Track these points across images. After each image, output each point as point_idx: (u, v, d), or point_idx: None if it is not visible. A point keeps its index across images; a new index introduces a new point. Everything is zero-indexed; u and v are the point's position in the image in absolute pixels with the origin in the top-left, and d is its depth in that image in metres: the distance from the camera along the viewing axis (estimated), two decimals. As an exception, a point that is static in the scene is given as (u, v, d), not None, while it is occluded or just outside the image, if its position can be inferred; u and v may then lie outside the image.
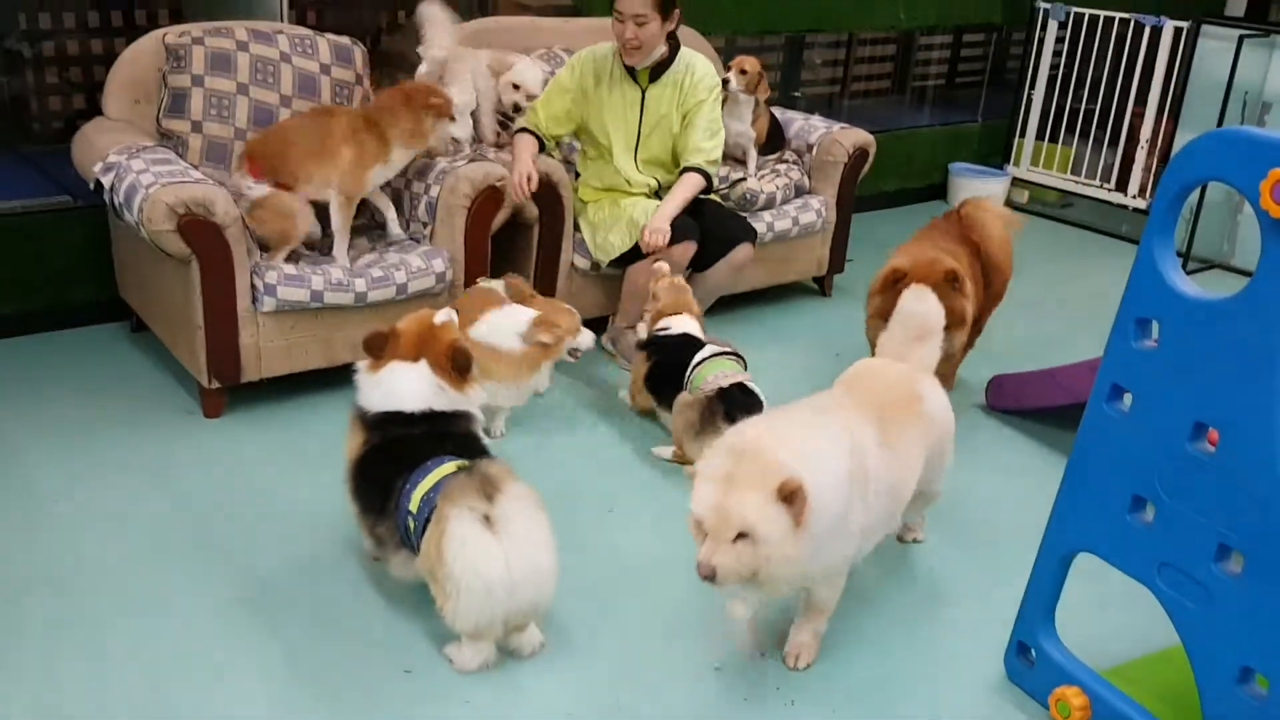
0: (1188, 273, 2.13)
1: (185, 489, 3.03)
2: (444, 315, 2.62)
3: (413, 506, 2.34)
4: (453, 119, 3.60)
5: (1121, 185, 6.02)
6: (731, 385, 3.16)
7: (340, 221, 3.44)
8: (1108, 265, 5.55)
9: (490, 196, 3.60)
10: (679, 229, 3.72)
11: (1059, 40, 6.25)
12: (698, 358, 3.30)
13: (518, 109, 3.93)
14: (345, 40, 3.87)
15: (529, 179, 3.68)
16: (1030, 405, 3.67)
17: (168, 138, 3.56)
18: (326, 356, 3.48)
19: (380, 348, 2.55)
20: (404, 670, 2.39)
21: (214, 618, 2.52)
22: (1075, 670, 2.33)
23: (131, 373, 3.64)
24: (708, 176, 3.84)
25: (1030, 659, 2.43)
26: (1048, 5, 6.20)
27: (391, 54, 4.69)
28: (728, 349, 3.35)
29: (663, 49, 3.77)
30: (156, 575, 2.65)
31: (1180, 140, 5.68)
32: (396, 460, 2.44)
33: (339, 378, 3.57)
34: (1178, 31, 5.68)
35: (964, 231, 3.74)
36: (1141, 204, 5.93)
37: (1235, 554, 1.99)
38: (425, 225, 3.69)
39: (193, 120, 3.54)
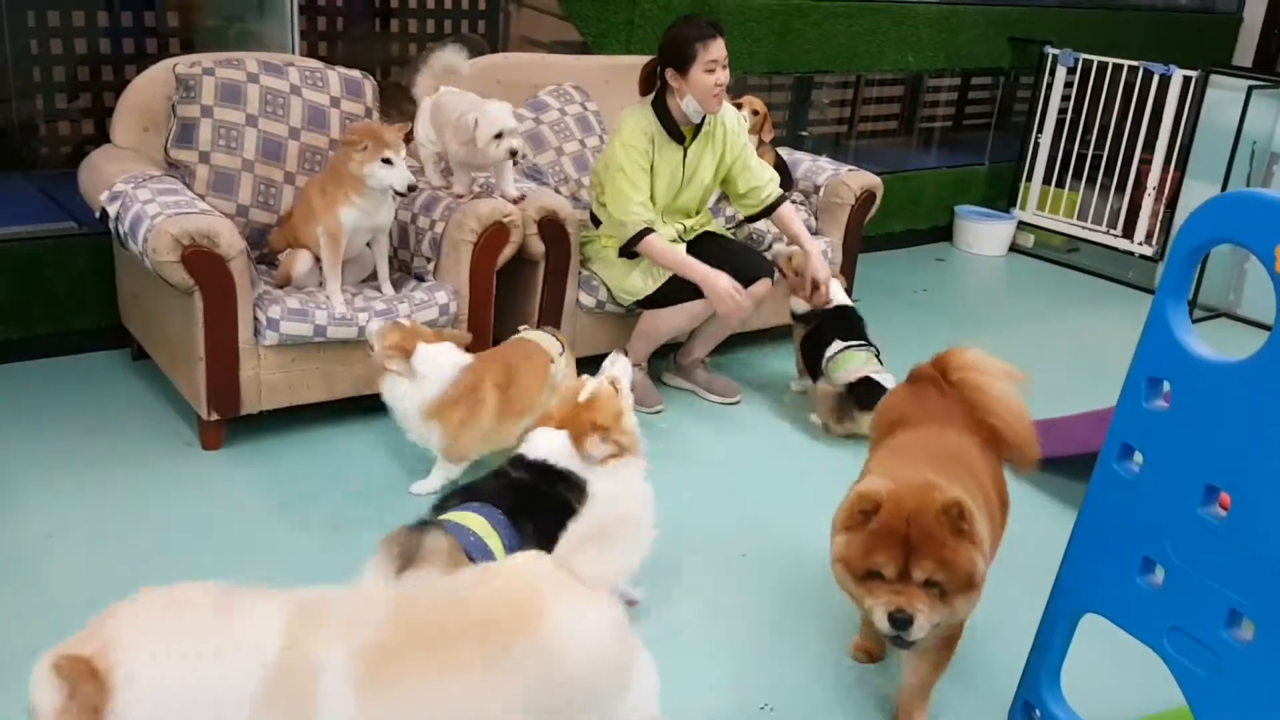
0: (1193, 321, 2.11)
1: (181, 521, 3.00)
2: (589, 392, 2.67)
3: None
4: (386, 161, 3.29)
5: (1128, 232, 6.02)
6: (860, 380, 3.70)
7: (328, 260, 3.40)
8: (1113, 312, 5.54)
9: (497, 232, 3.58)
10: (759, 265, 3.83)
11: (1067, 85, 6.27)
12: (831, 350, 3.81)
13: (514, 154, 3.61)
14: (356, 74, 3.87)
15: (737, 289, 3.66)
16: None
17: (175, 167, 3.55)
18: (328, 390, 3.45)
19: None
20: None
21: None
22: (1080, 732, 2.29)
23: (130, 402, 3.62)
24: (787, 200, 4.03)
25: (1035, 719, 2.39)
26: (1057, 51, 6.22)
27: (402, 88, 4.70)
28: (863, 342, 3.83)
29: None
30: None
31: (1188, 188, 5.69)
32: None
33: (339, 411, 3.57)
34: (1186, 80, 5.70)
35: (966, 408, 2.56)
36: (1148, 250, 5.93)
37: (1246, 621, 1.96)
38: (429, 260, 3.68)
39: (200, 150, 3.54)
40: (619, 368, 2.76)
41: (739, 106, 4.33)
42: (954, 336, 4.82)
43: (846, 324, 3.91)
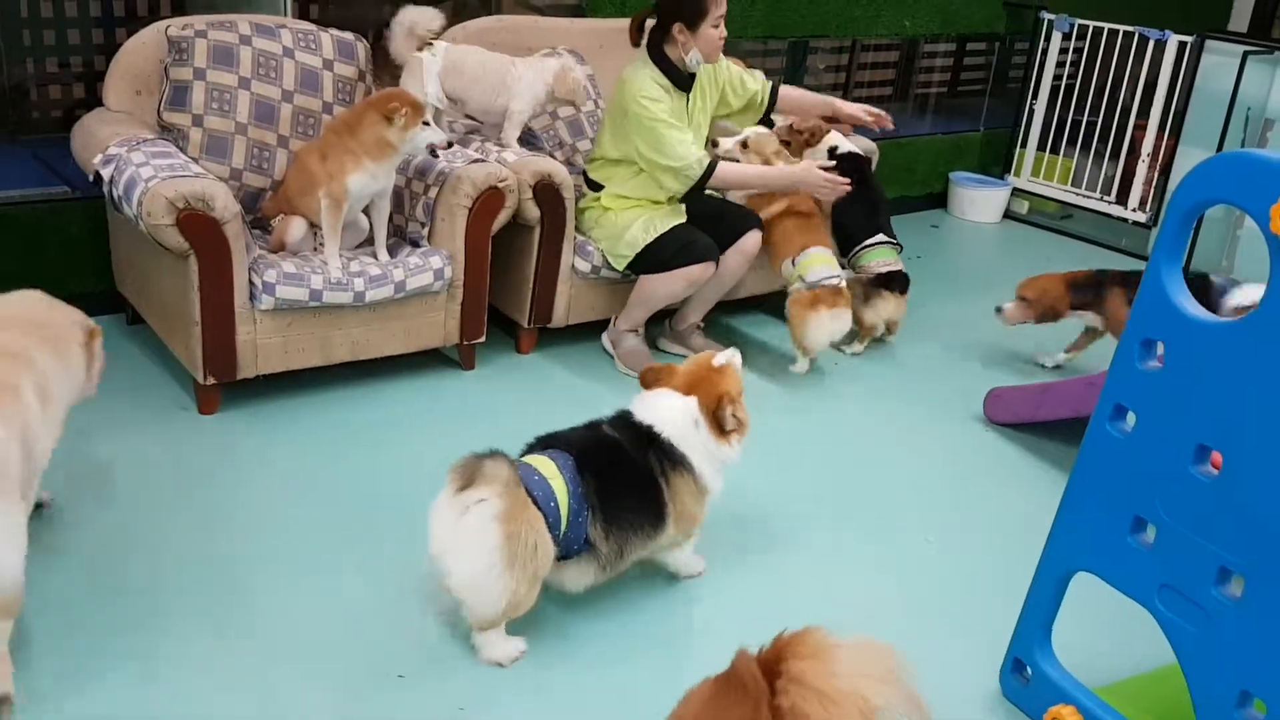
0: (1188, 288, 2.12)
1: (179, 485, 3.01)
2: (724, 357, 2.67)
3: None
4: (425, 124, 3.42)
5: (1122, 198, 6.02)
6: (890, 271, 4.16)
7: (329, 224, 3.40)
8: (1107, 278, 5.54)
9: (492, 196, 3.57)
10: (704, 249, 3.78)
11: (1062, 51, 6.25)
12: (865, 243, 4.19)
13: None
14: (349, 36, 3.85)
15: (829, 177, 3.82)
16: (1028, 418, 3.66)
17: (168, 130, 3.54)
18: (324, 355, 3.46)
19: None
20: (397, 675, 2.38)
21: (199, 617, 2.50)
22: (1071, 688, 2.32)
23: (126, 366, 3.61)
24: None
25: (1026, 676, 2.43)
26: (1053, 16, 6.19)
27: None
28: (892, 239, 4.23)
29: None
30: (143, 571, 2.63)
31: (1182, 155, 5.68)
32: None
33: (335, 376, 3.58)
34: (1181, 46, 5.68)
35: None
36: (1141, 217, 5.93)
37: (1236, 577, 1.98)
38: (423, 225, 3.67)
39: (194, 113, 3.52)
40: (731, 356, 2.71)
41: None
42: (949, 302, 4.85)
43: (874, 209, 4.27)
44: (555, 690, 2.39)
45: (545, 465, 2.42)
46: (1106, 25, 5.99)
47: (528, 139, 4.14)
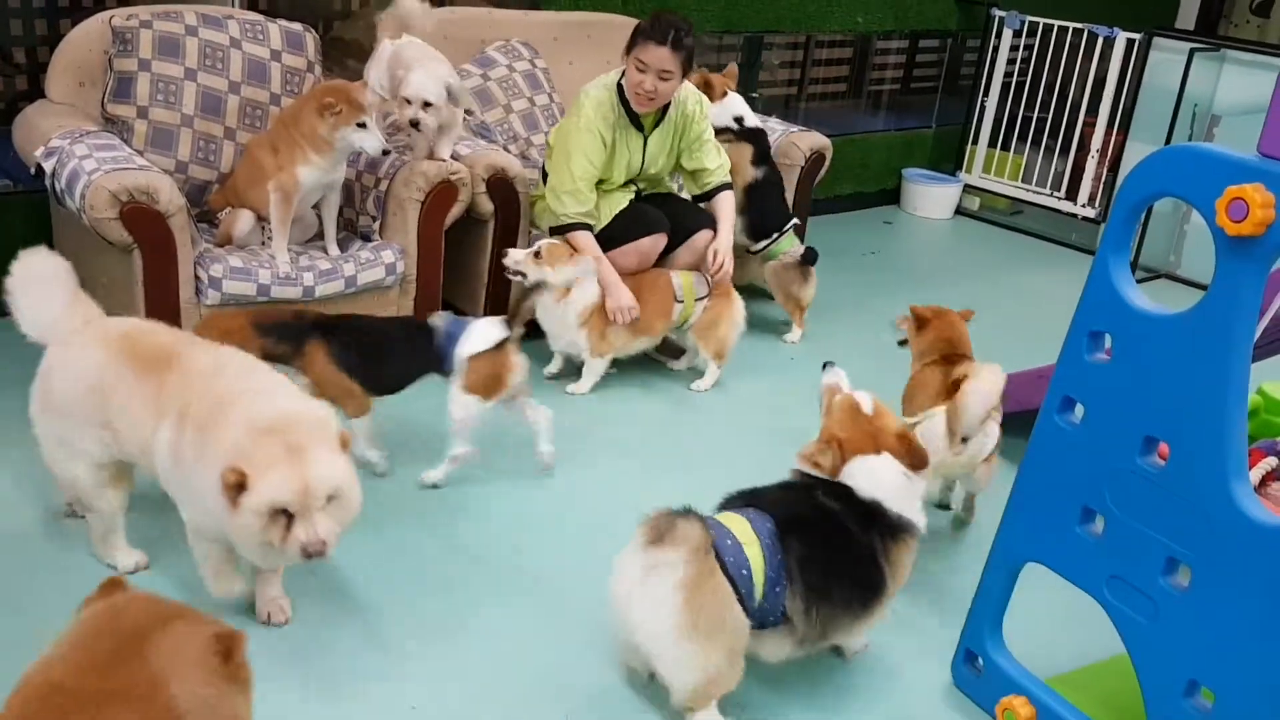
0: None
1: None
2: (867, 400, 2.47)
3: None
4: (361, 125, 3.28)
5: (1071, 194, 6.09)
6: (807, 249, 4.27)
7: (277, 217, 3.34)
8: (1056, 273, 5.61)
9: (444, 190, 3.54)
10: (654, 221, 3.77)
11: (1013, 49, 6.31)
12: (783, 229, 4.29)
13: (415, 124, 3.51)
14: (297, 27, 3.80)
15: (631, 310, 3.65)
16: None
17: (112, 123, 3.47)
18: (273, 350, 3.40)
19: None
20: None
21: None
22: (1022, 679, 2.34)
23: (70, 363, 3.53)
24: (730, 187, 3.99)
25: (978, 667, 2.44)
26: (1003, 13, 6.25)
27: (344, 41, 4.62)
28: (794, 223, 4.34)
29: None
30: (80, 568, 2.58)
31: (1130, 150, 5.76)
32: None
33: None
34: (1130, 43, 5.75)
35: None
36: (1090, 213, 6.00)
37: (1183, 568, 2.00)
38: (375, 219, 3.63)
39: (139, 105, 3.46)
40: (837, 375, 2.58)
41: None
42: (902, 297, 4.87)
43: (782, 194, 4.38)
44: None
45: (741, 528, 2.25)
46: (1056, 22, 6.06)
47: (480, 131, 4.11)
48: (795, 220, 4.37)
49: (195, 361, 2.34)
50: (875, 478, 2.36)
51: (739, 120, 4.32)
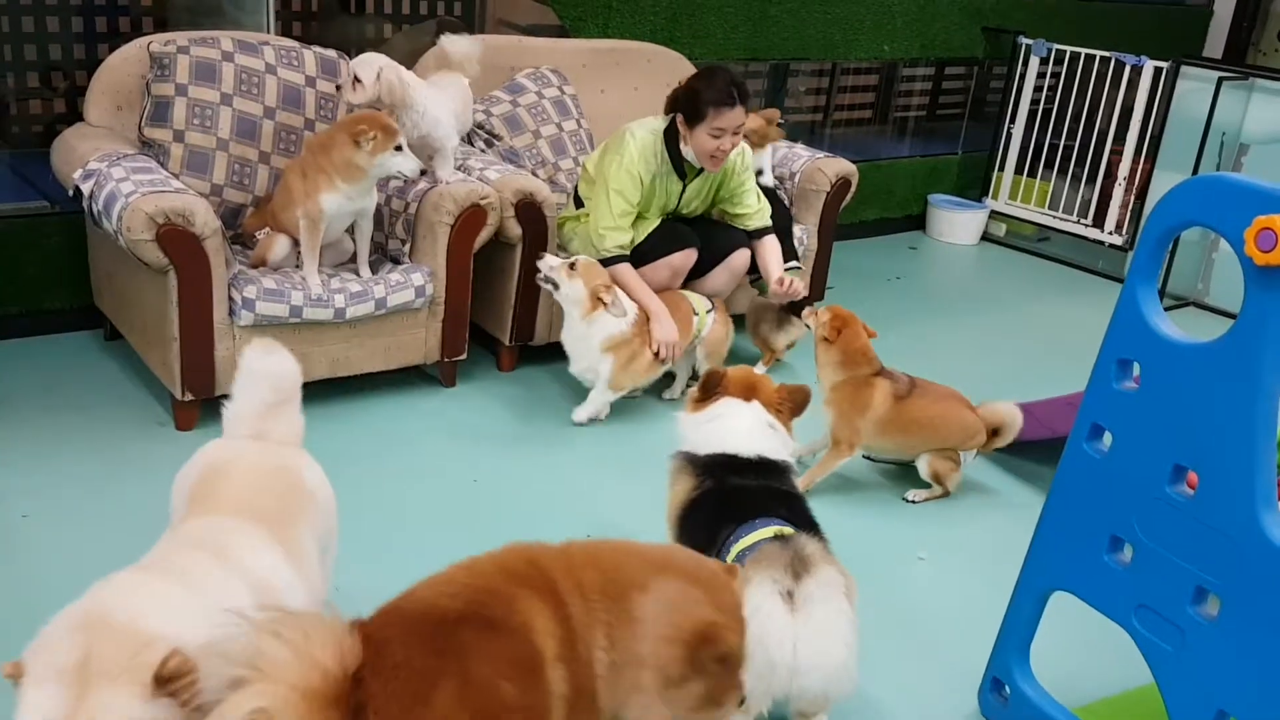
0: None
1: (156, 502, 2.98)
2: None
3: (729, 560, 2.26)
4: (397, 149, 3.37)
5: (1098, 222, 6.08)
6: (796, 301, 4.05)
7: (306, 243, 3.40)
8: (1083, 300, 5.59)
9: (474, 214, 3.58)
10: (684, 235, 3.83)
11: (1040, 76, 6.32)
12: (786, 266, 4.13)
13: (339, 88, 3.68)
14: (331, 53, 3.85)
15: (677, 348, 3.69)
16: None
17: (149, 146, 3.53)
18: (303, 371, 3.41)
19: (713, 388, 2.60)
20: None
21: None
22: (1049, 708, 2.33)
23: (104, 382, 3.59)
24: (772, 230, 4.05)
25: (1004, 695, 2.43)
26: (1030, 41, 6.26)
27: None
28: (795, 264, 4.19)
29: None
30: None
31: (1158, 179, 5.75)
32: (729, 509, 2.39)
33: (315, 393, 3.55)
34: (1158, 71, 5.75)
35: None
36: (1118, 240, 5.99)
37: (1212, 597, 2.00)
38: (404, 242, 3.67)
39: (175, 129, 3.51)
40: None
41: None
42: (927, 323, 4.88)
43: (789, 238, 4.23)
44: None
45: (792, 533, 2.28)
46: (1084, 50, 6.06)
47: (509, 157, 4.15)
48: (798, 263, 4.26)
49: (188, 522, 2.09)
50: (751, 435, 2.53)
51: (757, 173, 4.28)
